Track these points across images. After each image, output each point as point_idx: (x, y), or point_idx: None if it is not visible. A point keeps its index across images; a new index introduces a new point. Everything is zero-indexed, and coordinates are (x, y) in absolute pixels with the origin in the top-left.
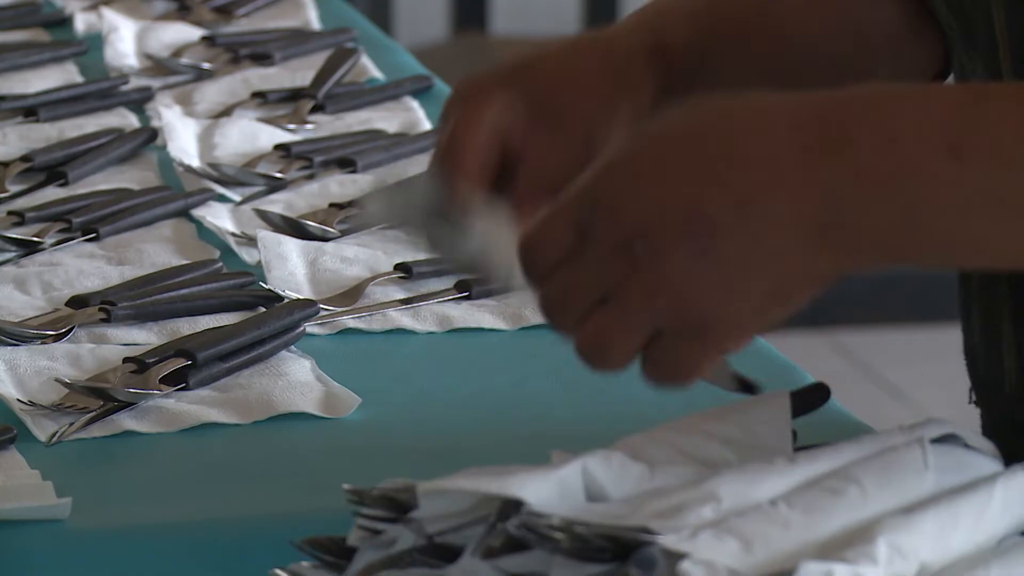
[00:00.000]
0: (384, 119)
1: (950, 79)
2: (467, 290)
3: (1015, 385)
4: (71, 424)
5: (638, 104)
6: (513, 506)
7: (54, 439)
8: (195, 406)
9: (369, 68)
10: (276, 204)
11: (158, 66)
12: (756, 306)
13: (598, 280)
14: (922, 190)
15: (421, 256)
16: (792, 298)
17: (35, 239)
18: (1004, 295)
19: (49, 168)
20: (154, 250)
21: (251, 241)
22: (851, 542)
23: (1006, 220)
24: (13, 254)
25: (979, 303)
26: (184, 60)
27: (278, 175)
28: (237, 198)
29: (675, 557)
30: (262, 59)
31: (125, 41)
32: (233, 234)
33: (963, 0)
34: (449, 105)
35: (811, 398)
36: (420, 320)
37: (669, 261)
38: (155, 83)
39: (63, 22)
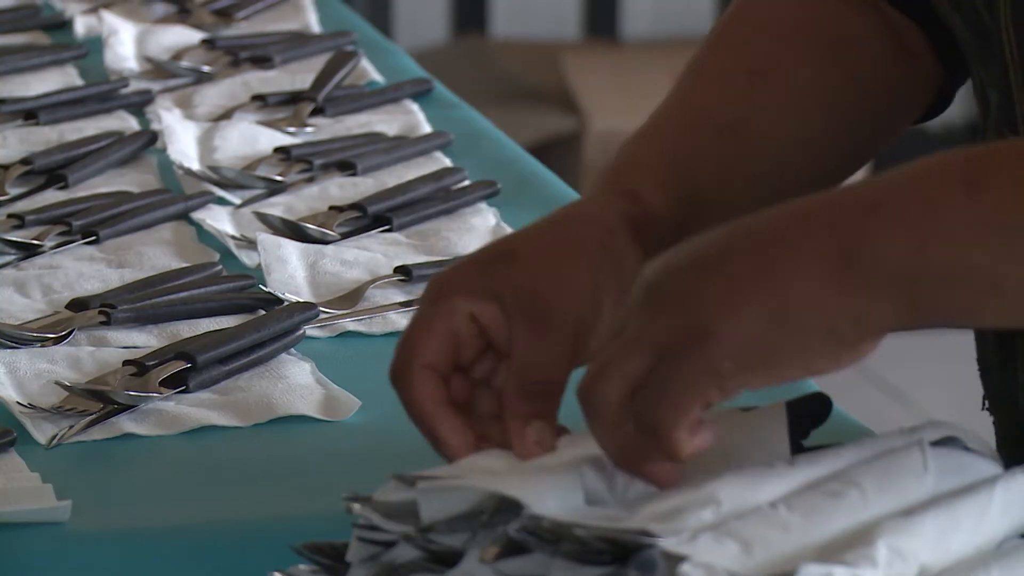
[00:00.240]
0: (384, 122)
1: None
2: None
3: None
4: (71, 427)
5: (624, 280)
6: (510, 506)
7: (54, 442)
8: (195, 408)
9: (369, 71)
10: (276, 207)
11: (158, 69)
12: (756, 328)
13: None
14: (935, 219)
15: (421, 259)
16: (805, 333)
17: (35, 242)
18: None
19: (49, 171)
20: (154, 253)
21: (251, 244)
22: (851, 544)
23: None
24: (13, 257)
25: None
26: (184, 63)
27: (278, 178)
28: (237, 201)
29: (675, 560)
30: (262, 62)
31: (125, 44)
32: (233, 237)
33: (981, 18)
34: (420, 303)
35: (813, 410)
36: None
37: (672, 279)
38: (155, 86)
39: (63, 25)
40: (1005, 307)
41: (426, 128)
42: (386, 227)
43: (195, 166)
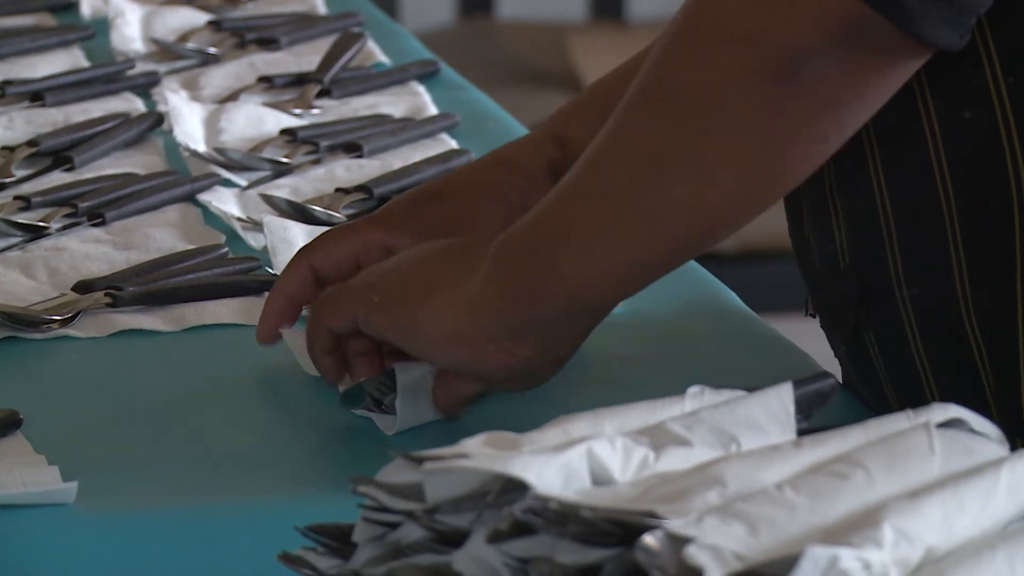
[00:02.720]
0: (390, 104)
1: None
2: None
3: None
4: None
5: None
6: (515, 487)
7: None
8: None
9: (375, 53)
10: (282, 189)
11: (164, 51)
12: (400, 288)
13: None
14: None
15: None
16: (426, 308)
17: (41, 224)
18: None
19: (55, 153)
20: (160, 235)
21: (257, 226)
22: (857, 526)
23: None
24: (19, 239)
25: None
26: (190, 45)
27: (284, 160)
28: (243, 183)
29: (681, 541)
30: (268, 44)
31: (131, 26)
32: (239, 219)
33: None
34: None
35: (820, 390)
36: None
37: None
38: (161, 68)
39: (69, 7)
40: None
41: (432, 110)
42: None
43: (201, 148)
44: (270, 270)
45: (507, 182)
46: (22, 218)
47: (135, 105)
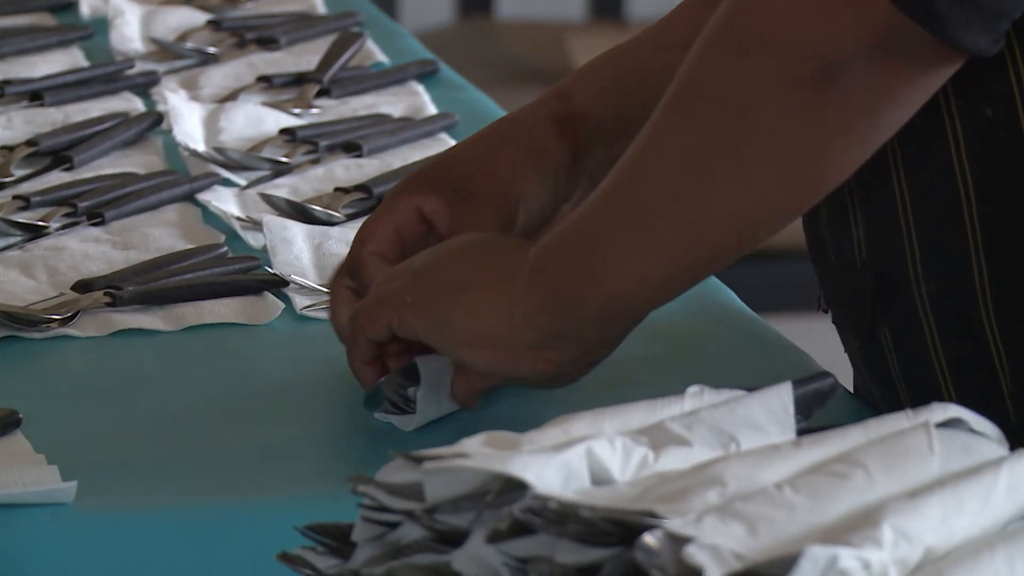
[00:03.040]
0: (389, 103)
1: None
2: None
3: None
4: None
5: (546, 170)
6: (515, 486)
7: None
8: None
9: (374, 52)
10: (281, 188)
11: (163, 50)
12: (437, 289)
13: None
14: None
15: None
16: (461, 313)
17: (40, 223)
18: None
19: (54, 152)
20: (159, 234)
21: (256, 225)
22: (856, 526)
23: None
24: (18, 238)
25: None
26: (189, 44)
27: (283, 159)
28: (242, 182)
29: (680, 541)
30: (268, 43)
31: (131, 25)
32: (238, 218)
33: None
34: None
35: (820, 389)
36: None
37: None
38: (160, 67)
39: (68, 6)
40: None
41: (432, 109)
42: None
43: (200, 147)
44: (269, 269)
45: (515, 132)
46: (21, 217)
47: (134, 105)
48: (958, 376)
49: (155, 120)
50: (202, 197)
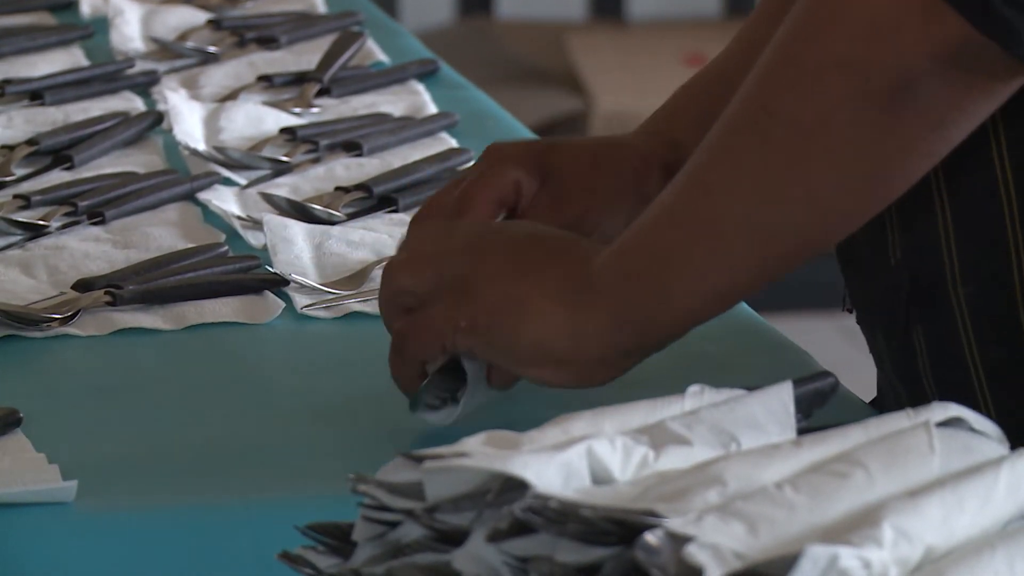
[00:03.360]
0: (390, 103)
1: None
2: None
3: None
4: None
5: (635, 214)
6: (515, 485)
7: None
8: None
9: (375, 52)
10: (282, 188)
11: (164, 50)
12: (490, 309)
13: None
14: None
15: None
16: (520, 335)
17: (41, 223)
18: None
19: (55, 152)
20: (160, 234)
21: (257, 225)
22: (856, 525)
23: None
24: (19, 238)
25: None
26: (190, 44)
27: (284, 159)
28: (243, 181)
29: (681, 540)
30: (268, 42)
31: (131, 24)
32: (239, 217)
33: None
34: (477, 162)
35: (820, 389)
36: None
37: (478, 250)
38: (161, 67)
39: (69, 5)
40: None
41: (432, 109)
42: (392, 208)
43: (201, 147)
44: (270, 268)
45: (629, 163)
46: (22, 217)
47: (135, 104)
48: (994, 380)
49: (155, 119)
50: (202, 196)
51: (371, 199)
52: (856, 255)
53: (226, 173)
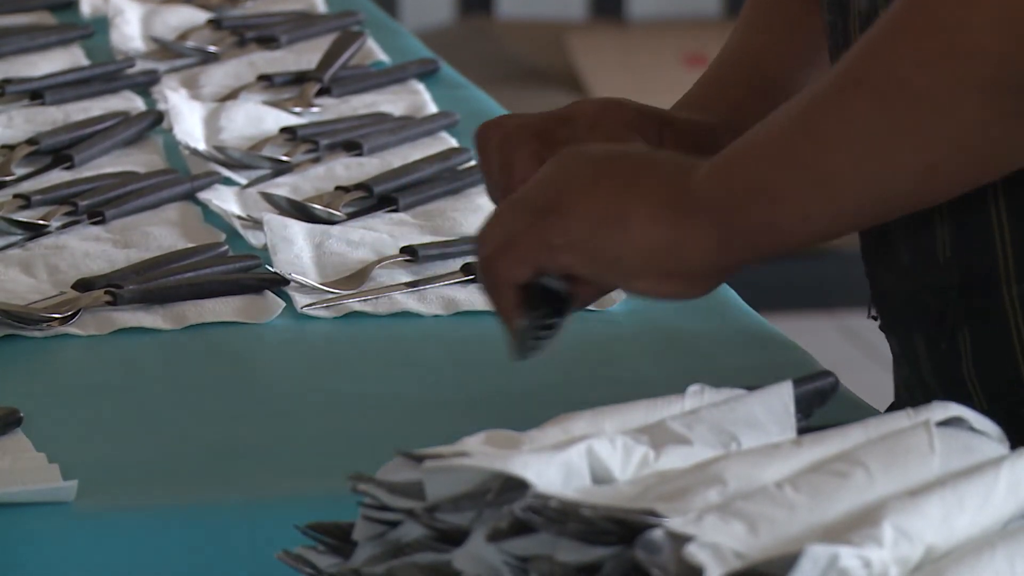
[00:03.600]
0: (390, 102)
1: None
2: (472, 273)
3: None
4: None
5: None
6: (515, 485)
7: None
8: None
9: (375, 51)
10: (282, 187)
11: (164, 49)
12: (590, 223)
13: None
14: (744, 141)
15: (427, 239)
16: (624, 247)
17: (41, 222)
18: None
19: (55, 151)
20: (160, 233)
21: (257, 224)
22: (857, 525)
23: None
24: (19, 237)
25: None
26: (190, 43)
27: (284, 158)
28: (243, 181)
29: (681, 540)
30: (268, 42)
31: (131, 24)
32: (239, 217)
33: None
34: (484, 145)
35: (820, 388)
36: (426, 303)
37: (563, 166)
38: (161, 66)
39: (69, 5)
40: (806, 218)
41: (432, 108)
42: (392, 207)
43: (201, 146)
44: (270, 268)
45: (620, 129)
46: (22, 216)
47: (135, 103)
48: None
49: (156, 119)
50: (203, 196)
51: (371, 198)
52: (891, 257)
53: (226, 173)
